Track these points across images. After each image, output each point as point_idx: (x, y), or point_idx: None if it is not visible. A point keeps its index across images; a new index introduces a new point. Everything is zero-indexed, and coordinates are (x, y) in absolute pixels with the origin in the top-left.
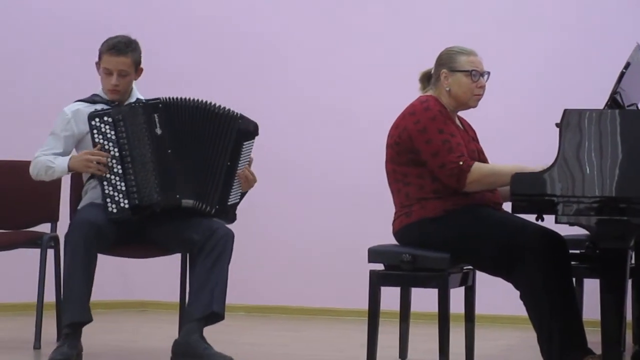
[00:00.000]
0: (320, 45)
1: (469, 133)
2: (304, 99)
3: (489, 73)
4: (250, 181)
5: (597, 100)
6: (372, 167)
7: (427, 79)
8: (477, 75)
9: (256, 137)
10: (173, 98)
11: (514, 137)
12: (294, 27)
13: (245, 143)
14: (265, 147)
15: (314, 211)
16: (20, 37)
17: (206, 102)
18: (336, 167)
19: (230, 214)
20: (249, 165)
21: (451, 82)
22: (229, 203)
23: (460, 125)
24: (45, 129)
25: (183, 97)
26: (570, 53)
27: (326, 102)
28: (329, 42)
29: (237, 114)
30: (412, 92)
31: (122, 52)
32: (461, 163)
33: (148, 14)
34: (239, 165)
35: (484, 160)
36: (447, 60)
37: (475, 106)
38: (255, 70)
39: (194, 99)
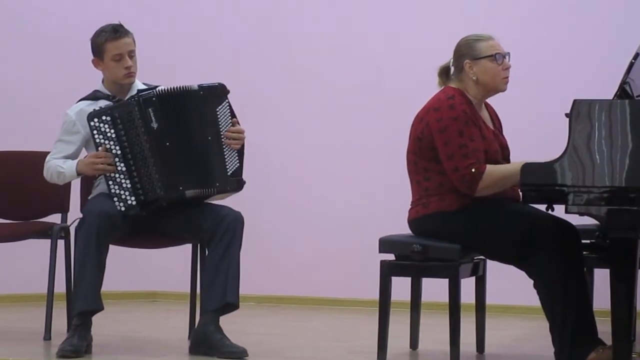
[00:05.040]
0: (325, 36)
1: (496, 124)
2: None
3: (509, 54)
4: (237, 138)
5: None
6: (385, 157)
7: (445, 73)
8: (500, 57)
9: (228, 95)
10: (166, 89)
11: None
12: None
13: (218, 109)
14: (273, 140)
15: (324, 201)
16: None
17: (183, 85)
18: (347, 156)
19: (235, 183)
20: (234, 125)
21: (477, 71)
22: (228, 173)
23: (488, 116)
24: (56, 119)
25: (175, 86)
26: (575, 44)
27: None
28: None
29: (195, 87)
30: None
31: (124, 34)
32: (473, 170)
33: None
34: (221, 131)
35: (507, 155)
36: (467, 50)
37: (504, 90)
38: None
39: (179, 86)
